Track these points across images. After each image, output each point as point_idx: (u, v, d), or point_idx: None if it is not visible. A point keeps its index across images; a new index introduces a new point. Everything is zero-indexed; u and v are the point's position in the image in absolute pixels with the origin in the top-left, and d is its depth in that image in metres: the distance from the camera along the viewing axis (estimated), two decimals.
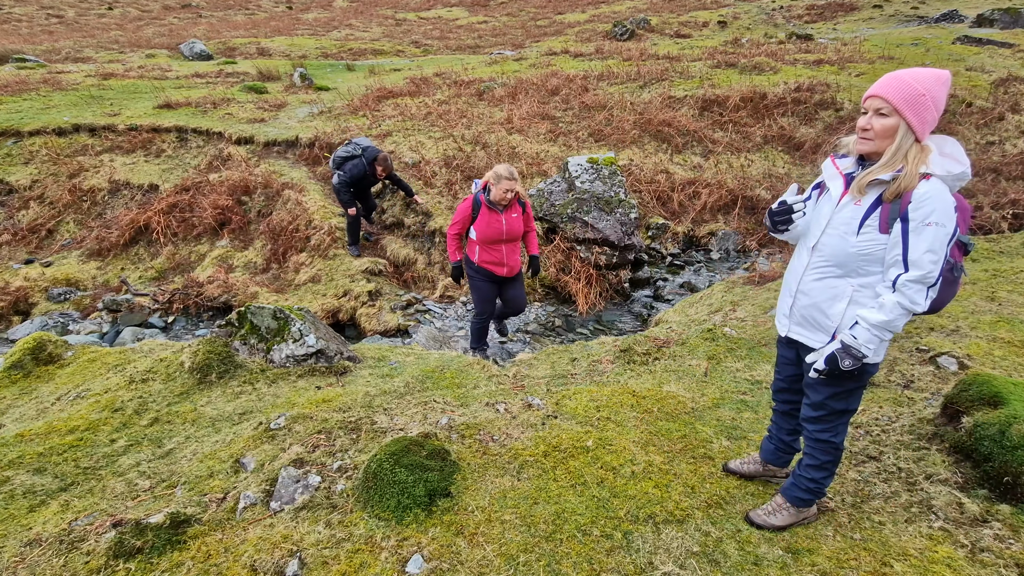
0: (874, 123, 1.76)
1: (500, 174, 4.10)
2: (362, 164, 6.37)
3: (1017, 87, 9.73)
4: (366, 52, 18.93)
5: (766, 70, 11.01)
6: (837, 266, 1.87)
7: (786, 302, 2.09)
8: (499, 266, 4.38)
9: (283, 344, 3.64)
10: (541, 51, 15.37)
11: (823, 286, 1.92)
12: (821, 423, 2.06)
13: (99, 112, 9.53)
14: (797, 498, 2.22)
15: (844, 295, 1.88)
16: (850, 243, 1.82)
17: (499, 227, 4.23)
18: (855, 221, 1.81)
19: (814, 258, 1.94)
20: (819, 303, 1.94)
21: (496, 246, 4.31)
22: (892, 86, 1.73)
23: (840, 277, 1.88)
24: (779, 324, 2.16)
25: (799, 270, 2.01)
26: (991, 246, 5.87)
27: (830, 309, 1.91)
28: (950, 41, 13.55)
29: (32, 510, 2.40)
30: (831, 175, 1.94)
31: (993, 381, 2.69)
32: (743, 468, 2.55)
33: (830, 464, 2.13)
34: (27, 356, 3.76)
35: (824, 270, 1.91)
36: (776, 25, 20.67)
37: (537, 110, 9.62)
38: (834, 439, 2.07)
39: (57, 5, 30.67)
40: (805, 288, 1.98)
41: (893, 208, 1.74)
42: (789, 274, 2.09)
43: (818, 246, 1.92)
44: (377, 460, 2.41)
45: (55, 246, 7.43)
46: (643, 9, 26.00)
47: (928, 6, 22.17)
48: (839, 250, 1.85)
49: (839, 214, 1.86)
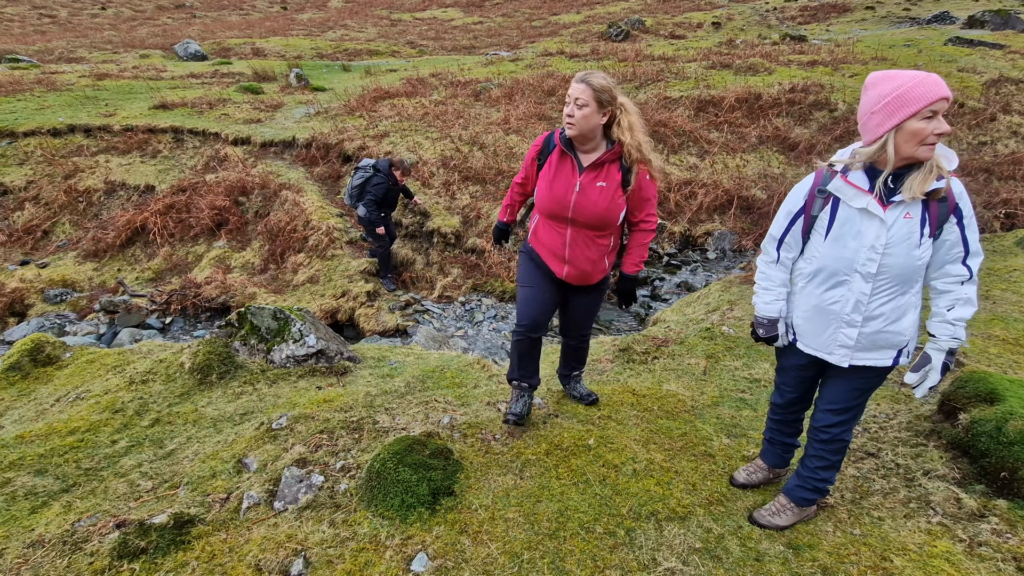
0: (944, 127, 1.66)
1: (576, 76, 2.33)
2: (382, 178, 6.03)
3: (1008, 88, 9.83)
4: (362, 53, 18.91)
5: (760, 71, 11.07)
6: (902, 283, 1.82)
7: (843, 334, 1.93)
8: (557, 260, 2.58)
9: (283, 344, 3.64)
10: (537, 52, 15.40)
11: (891, 307, 1.85)
12: (843, 425, 2.07)
13: (94, 113, 9.48)
14: (803, 498, 2.22)
15: (911, 307, 1.87)
16: (915, 256, 1.76)
17: (565, 191, 2.42)
18: (915, 235, 1.75)
19: (878, 283, 1.83)
20: (889, 324, 1.87)
21: (559, 225, 2.52)
22: (945, 86, 1.66)
23: (905, 293, 1.84)
24: (829, 357, 1.99)
25: (859, 300, 1.86)
26: (984, 245, 5.91)
27: (899, 325, 1.87)
28: (942, 42, 13.67)
29: (34, 511, 2.39)
30: (854, 195, 1.80)
31: (989, 378, 2.72)
32: (753, 479, 2.51)
33: (839, 462, 2.16)
34: (25, 357, 3.74)
35: (891, 291, 1.84)
36: (770, 26, 20.79)
37: (534, 110, 9.65)
38: (847, 437, 2.11)
39: (49, 5, 30.48)
40: (875, 314, 1.87)
41: (941, 210, 1.73)
42: (835, 306, 1.91)
43: (880, 271, 1.81)
44: (380, 459, 2.42)
45: (51, 247, 7.39)
46: (638, 10, 26.09)
47: (920, 8, 22.35)
48: (905, 267, 1.78)
49: (894, 232, 1.76)
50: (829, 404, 2.06)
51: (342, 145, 8.43)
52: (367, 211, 6.03)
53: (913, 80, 1.65)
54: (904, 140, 1.67)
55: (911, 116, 1.64)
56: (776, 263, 2.08)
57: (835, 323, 1.93)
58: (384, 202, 6.12)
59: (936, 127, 1.63)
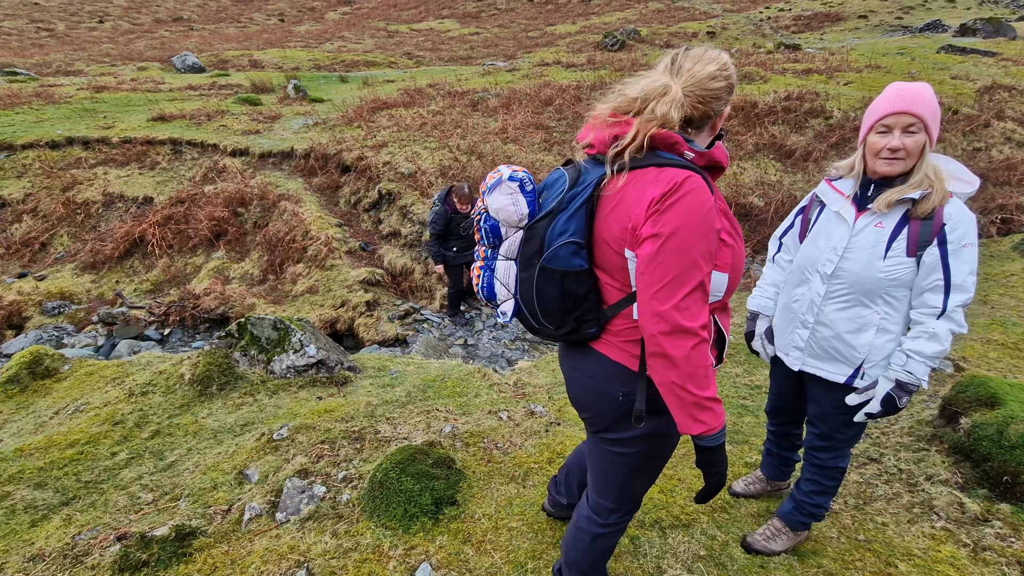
0: (906, 142, 1.64)
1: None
2: (440, 207, 5.42)
3: (1001, 95, 9.93)
4: (359, 64, 19.03)
5: (756, 79, 11.17)
6: (861, 294, 1.75)
7: (798, 335, 1.92)
8: None
9: (284, 355, 3.63)
10: (533, 62, 15.53)
11: (848, 316, 1.79)
12: (830, 451, 1.99)
13: (92, 125, 9.51)
14: (798, 522, 2.16)
15: (871, 324, 1.76)
16: (877, 268, 1.70)
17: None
18: (881, 245, 1.70)
19: (833, 286, 1.80)
20: (842, 334, 1.80)
21: None
22: (919, 101, 1.62)
23: (865, 306, 1.76)
24: (786, 358, 2.00)
25: (813, 300, 1.85)
26: (982, 250, 5.97)
27: (856, 340, 1.78)
28: (935, 50, 13.83)
29: (34, 525, 2.37)
30: (834, 199, 1.84)
31: (989, 382, 2.73)
32: (751, 490, 2.51)
33: (835, 487, 2.08)
34: (23, 370, 3.73)
35: (847, 299, 1.78)
36: (764, 35, 21.01)
37: (531, 120, 9.71)
38: (841, 463, 2.02)
39: (47, 19, 30.65)
40: (826, 319, 1.83)
41: (924, 230, 1.64)
42: (795, 304, 1.93)
43: (837, 273, 1.78)
44: (383, 469, 2.41)
45: (49, 259, 7.38)
46: (633, 20, 26.35)
47: (912, 16, 22.62)
48: (865, 276, 1.73)
49: (858, 238, 1.75)
50: (811, 427, 2.04)
51: (340, 155, 8.46)
52: (428, 245, 5.59)
53: (883, 93, 1.71)
54: (868, 153, 1.75)
55: (869, 130, 1.71)
56: (771, 261, 2.13)
57: (793, 323, 1.95)
58: (449, 234, 5.47)
59: (888, 142, 1.66)
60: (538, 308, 1.42)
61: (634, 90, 1.34)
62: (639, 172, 1.29)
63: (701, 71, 1.31)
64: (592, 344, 1.45)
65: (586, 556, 1.71)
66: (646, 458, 1.51)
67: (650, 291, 1.25)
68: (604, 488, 1.60)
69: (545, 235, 1.37)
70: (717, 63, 1.32)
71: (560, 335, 1.45)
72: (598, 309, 1.40)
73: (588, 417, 1.53)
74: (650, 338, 1.26)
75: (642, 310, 1.27)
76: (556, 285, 1.37)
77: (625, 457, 1.50)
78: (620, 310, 1.39)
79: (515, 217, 1.40)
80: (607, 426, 1.48)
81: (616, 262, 1.35)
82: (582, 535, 1.69)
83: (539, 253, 1.38)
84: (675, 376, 1.25)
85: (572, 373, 1.53)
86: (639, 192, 1.28)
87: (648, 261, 1.24)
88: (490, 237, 1.47)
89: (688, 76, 1.31)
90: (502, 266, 1.47)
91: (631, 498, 1.61)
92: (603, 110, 1.40)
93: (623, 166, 1.30)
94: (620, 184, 1.30)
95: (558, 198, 1.38)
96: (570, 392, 1.57)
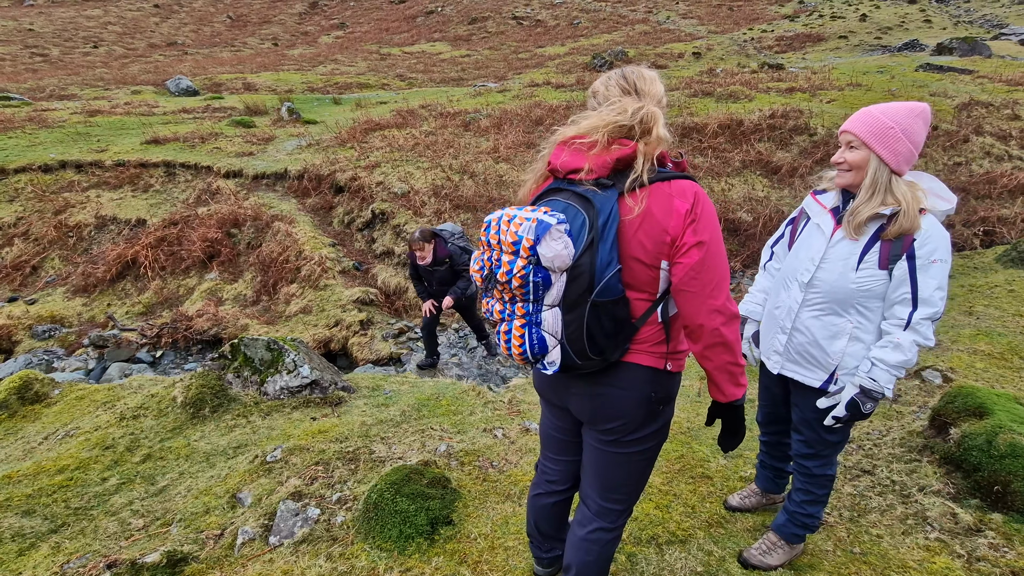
0: (847, 156, 1.80)
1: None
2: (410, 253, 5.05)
3: (979, 111, 10.20)
4: (352, 86, 19.25)
5: (741, 98, 11.41)
6: (835, 303, 1.83)
7: (778, 339, 2.01)
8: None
9: (277, 376, 3.62)
10: (523, 83, 15.79)
11: (822, 323, 1.87)
12: (816, 459, 2.03)
13: (86, 148, 9.53)
14: (793, 535, 2.17)
15: (844, 332, 1.84)
16: (850, 279, 1.78)
17: None
18: (853, 257, 1.78)
19: (809, 295, 1.88)
20: (818, 340, 1.88)
21: None
22: (859, 120, 1.77)
23: (839, 314, 1.84)
24: (768, 361, 2.09)
25: (791, 306, 1.94)
26: (965, 262, 6.07)
27: (830, 347, 1.86)
28: (913, 69, 14.21)
29: (22, 553, 2.33)
30: (817, 212, 1.94)
31: (977, 392, 2.77)
32: (746, 503, 2.52)
33: (825, 496, 2.10)
34: (12, 395, 3.69)
35: (822, 307, 1.86)
36: (748, 55, 21.50)
37: (523, 139, 9.84)
38: (828, 471, 2.05)
39: (42, 44, 30.85)
40: (802, 326, 1.92)
41: (895, 244, 1.72)
42: (777, 310, 2.02)
43: (813, 282, 1.87)
44: (377, 490, 2.40)
45: (39, 283, 7.33)
46: (620, 42, 26.91)
47: (891, 36, 23.25)
48: (838, 286, 1.81)
49: (834, 250, 1.83)
50: (796, 434, 2.08)
51: (334, 176, 8.52)
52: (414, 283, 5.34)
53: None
54: None
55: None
56: (763, 269, 2.20)
57: (775, 328, 2.04)
58: (419, 277, 5.23)
59: (836, 157, 1.83)
60: (587, 345, 1.40)
61: (624, 117, 1.39)
62: (648, 189, 1.38)
63: (657, 90, 1.46)
64: (622, 358, 1.49)
65: (602, 566, 1.74)
66: (658, 448, 1.65)
67: (706, 291, 1.38)
68: (619, 490, 1.66)
69: (593, 270, 1.35)
70: (661, 81, 1.49)
71: (608, 362, 1.46)
72: (631, 325, 1.45)
73: (615, 427, 1.55)
74: (711, 332, 1.40)
75: (698, 309, 1.39)
76: (609, 316, 1.39)
77: (643, 453, 1.61)
78: (647, 319, 1.47)
79: (569, 261, 1.35)
80: (634, 428, 1.55)
81: (646, 276, 1.43)
82: (592, 546, 1.70)
83: (589, 290, 1.35)
84: (729, 356, 1.44)
85: (598, 390, 1.52)
86: (665, 206, 1.38)
87: (699, 266, 1.37)
88: (539, 290, 1.37)
89: (651, 97, 1.45)
90: (549, 315, 1.41)
91: (640, 492, 1.72)
92: (576, 133, 1.44)
93: (642, 184, 1.38)
94: (641, 203, 1.37)
95: (586, 230, 1.36)
96: (592, 411, 1.56)
